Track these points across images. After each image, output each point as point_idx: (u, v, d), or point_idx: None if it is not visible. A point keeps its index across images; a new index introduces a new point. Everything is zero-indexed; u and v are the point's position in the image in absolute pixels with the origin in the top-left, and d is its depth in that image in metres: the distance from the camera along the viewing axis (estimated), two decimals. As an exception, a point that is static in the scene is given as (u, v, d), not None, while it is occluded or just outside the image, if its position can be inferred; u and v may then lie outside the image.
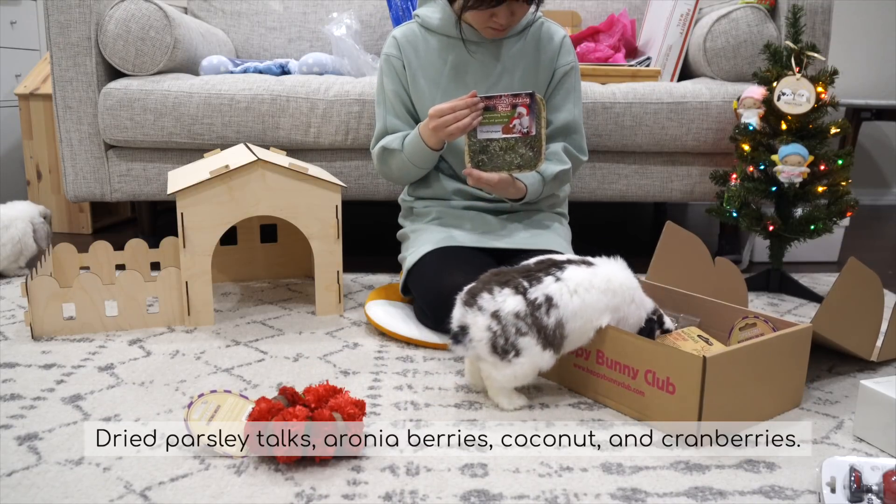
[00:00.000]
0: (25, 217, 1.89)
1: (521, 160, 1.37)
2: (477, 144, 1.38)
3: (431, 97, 1.53)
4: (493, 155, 1.38)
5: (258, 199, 1.52)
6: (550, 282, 1.12)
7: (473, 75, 1.52)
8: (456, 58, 1.52)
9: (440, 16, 1.51)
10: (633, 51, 2.39)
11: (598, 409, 1.16)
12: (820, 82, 1.73)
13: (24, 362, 1.32)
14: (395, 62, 1.55)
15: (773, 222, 1.78)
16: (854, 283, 1.25)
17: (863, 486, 0.87)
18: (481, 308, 1.11)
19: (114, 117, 1.99)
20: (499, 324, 1.09)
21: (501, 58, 1.52)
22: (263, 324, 1.56)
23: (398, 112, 1.56)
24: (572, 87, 1.57)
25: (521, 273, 1.14)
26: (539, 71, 1.54)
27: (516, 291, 1.11)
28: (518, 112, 1.36)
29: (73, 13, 1.98)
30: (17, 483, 0.92)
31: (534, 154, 1.37)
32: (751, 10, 2.02)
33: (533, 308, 1.10)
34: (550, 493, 0.91)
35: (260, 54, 2.61)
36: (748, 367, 1.06)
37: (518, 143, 1.37)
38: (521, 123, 1.36)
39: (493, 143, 1.38)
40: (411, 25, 1.57)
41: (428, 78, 1.54)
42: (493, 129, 1.37)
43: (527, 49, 1.53)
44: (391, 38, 1.57)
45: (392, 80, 1.56)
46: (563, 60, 1.55)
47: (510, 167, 1.38)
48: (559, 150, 1.54)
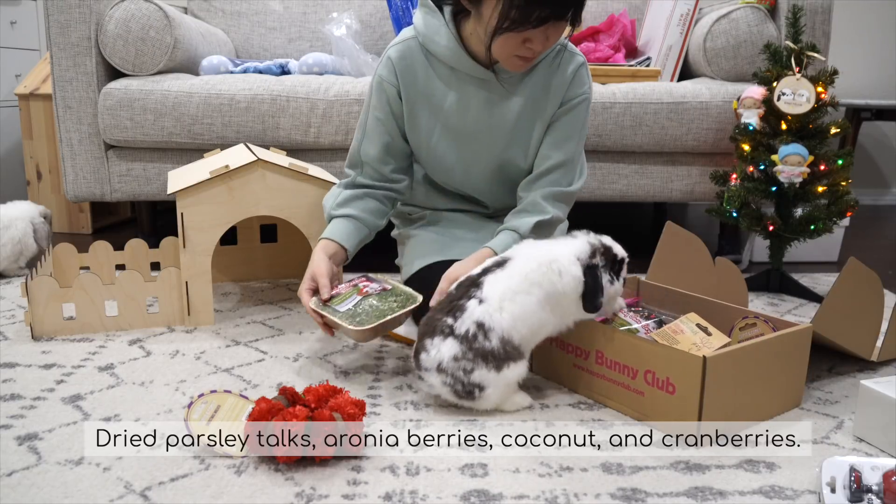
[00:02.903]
0: (26, 217, 1.89)
1: (397, 301, 1.24)
2: (347, 317, 1.21)
3: (428, 131, 1.40)
4: (366, 311, 1.21)
5: (258, 199, 1.52)
6: (474, 306, 1.09)
7: (477, 110, 1.37)
8: (457, 96, 1.36)
9: (445, 43, 1.32)
10: (633, 51, 2.39)
11: (598, 409, 1.16)
12: (820, 82, 1.73)
13: (24, 362, 1.32)
14: (389, 89, 1.37)
15: (773, 222, 1.78)
16: (854, 283, 1.25)
17: (863, 486, 0.87)
18: (427, 368, 1.11)
19: (114, 117, 1.99)
20: (447, 375, 1.09)
21: (508, 97, 1.36)
22: (263, 324, 1.56)
23: (374, 140, 1.40)
24: (578, 121, 1.39)
25: (445, 310, 1.11)
26: (549, 107, 1.37)
27: (444, 336, 1.09)
28: (362, 285, 1.28)
29: (73, 13, 1.98)
30: (17, 483, 0.92)
31: (404, 293, 1.26)
32: (751, 10, 2.02)
33: (468, 343, 1.08)
34: (550, 493, 0.91)
35: (260, 54, 2.61)
36: (748, 367, 1.06)
37: (384, 294, 1.26)
38: (371, 287, 1.27)
39: (358, 305, 1.23)
40: (409, 43, 1.37)
41: (427, 110, 1.38)
42: (348, 301, 1.24)
43: (537, 84, 1.36)
44: (387, 59, 1.37)
45: (381, 108, 1.39)
46: (574, 92, 1.37)
47: (393, 311, 1.22)
48: (538, 200, 1.36)
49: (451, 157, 1.42)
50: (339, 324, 1.20)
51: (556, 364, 1.24)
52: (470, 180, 1.46)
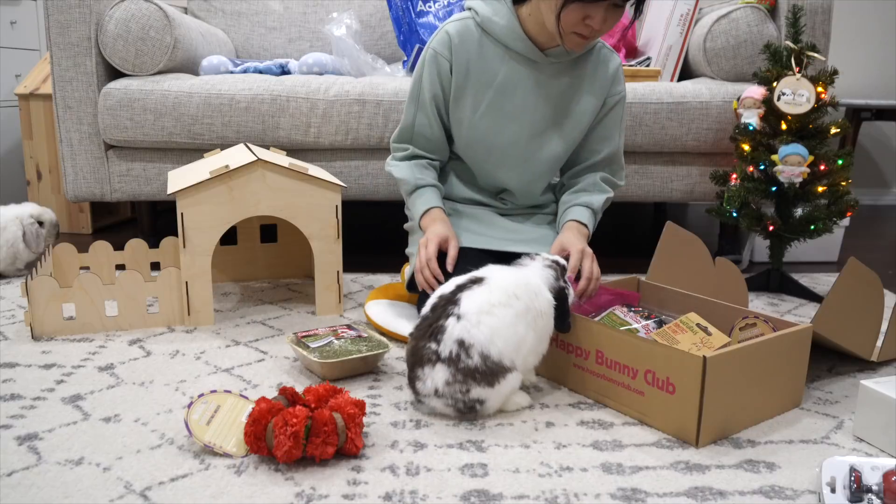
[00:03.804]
0: (18, 220, 1.89)
1: (368, 346, 1.28)
2: (317, 352, 1.25)
3: (474, 107, 1.44)
4: (335, 350, 1.26)
5: (258, 199, 1.52)
6: (453, 323, 1.08)
7: (524, 90, 1.42)
8: (507, 74, 1.41)
9: (504, 23, 1.38)
10: (633, 51, 2.39)
11: (598, 409, 1.16)
12: (820, 82, 1.73)
13: (24, 362, 1.32)
14: (443, 63, 1.42)
15: (773, 222, 1.78)
16: (854, 283, 1.25)
17: (863, 486, 0.87)
18: (425, 395, 1.11)
19: (114, 117, 1.99)
20: (447, 398, 1.09)
21: (554, 80, 1.42)
22: (263, 324, 1.56)
23: (430, 113, 1.46)
24: (620, 116, 1.50)
25: (426, 334, 1.10)
26: (591, 98, 1.45)
27: (432, 363, 1.08)
28: (340, 331, 1.34)
29: (73, 13, 1.98)
30: (17, 483, 0.92)
31: (378, 340, 1.32)
32: (751, 10, 2.02)
33: (455, 364, 1.07)
34: (550, 493, 0.91)
35: (260, 54, 2.61)
36: (748, 367, 1.06)
37: (357, 339, 1.31)
38: (347, 333, 1.33)
39: (330, 344, 1.29)
40: (467, 22, 1.42)
41: (476, 86, 1.43)
42: (323, 339, 1.30)
43: (582, 74, 1.44)
44: (443, 33, 1.42)
45: (433, 82, 1.44)
46: (616, 89, 1.47)
47: (360, 353, 1.26)
48: (598, 181, 1.49)
49: (492, 135, 1.46)
50: (307, 358, 1.25)
51: (556, 364, 1.24)
52: (504, 162, 1.49)
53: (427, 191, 1.47)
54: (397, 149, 1.53)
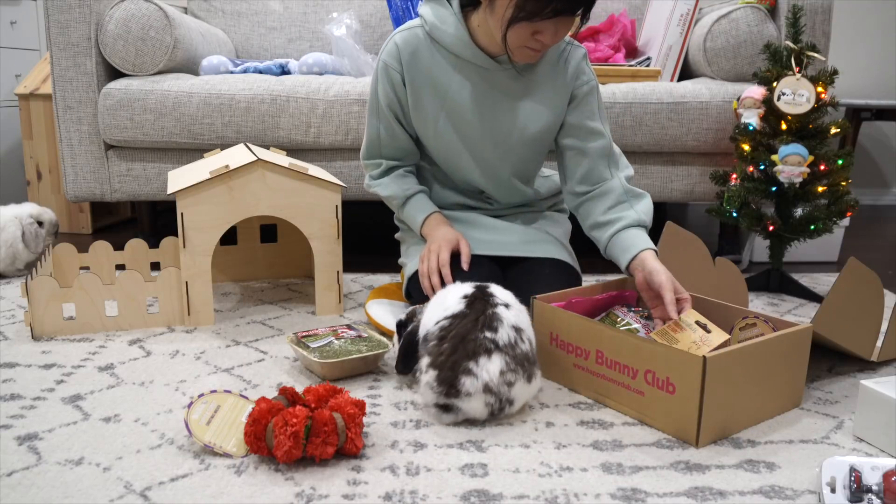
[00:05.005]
0: (17, 220, 1.88)
1: (367, 346, 1.28)
2: (316, 352, 1.25)
3: (434, 117, 1.42)
4: (334, 350, 1.26)
5: (258, 199, 1.52)
6: (503, 311, 1.09)
7: (480, 96, 1.40)
8: (461, 83, 1.39)
9: (453, 32, 1.35)
10: (633, 51, 2.39)
11: (598, 409, 1.15)
12: (820, 82, 1.73)
13: (24, 362, 1.32)
14: (394, 75, 1.40)
15: (773, 222, 1.78)
16: (854, 283, 1.25)
17: (863, 486, 0.87)
18: (469, 393, 1.04)
19: (114, 117, 1.99)
20: (493, 394, 1.05)
21: (511, 83, 1.39)
22: (263, 324, 1.56)
23: (392, 124, 1.45)
24: (597, 105, 1.43)
25: (476, 324, 1.07)
26: (554, 95, 1.41)
27: (489, 353, 1.05)
28: (340, 331, 1.34)
29: (73, 13, 1.98)
30: (17, 483, 0.92)
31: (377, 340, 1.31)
32: (751, 10, 2.02)
33: (512, 351, 1.06)
34: (550, 493, 0.91)
35: (260, 54, 2.61)
36: (748, 367, 1.06)
37: (356, 339, 1.31)
38: (347, 334, 1.33)
39: (329, 344, 1.28)
40: (416, 31, 1.40)
41: (431, 95, 1.41)
42: (323, 339, 1.30)
43: (540, 72, 1.40)
44: (392, 45, 1.40)
45: (387, 94, 1.42)
46: (581, 80, 1.41)
47: (360, 352, 1.26)
48: (628, 186, 1.41)
49: (457, 142, 1.44)
50: (307, 358, 1.25)
51: (556, 364, 1.24)
52: (476, 167, 1.47)
53: (417, 198, 1.48)
54: (370, 165, 1.52)
